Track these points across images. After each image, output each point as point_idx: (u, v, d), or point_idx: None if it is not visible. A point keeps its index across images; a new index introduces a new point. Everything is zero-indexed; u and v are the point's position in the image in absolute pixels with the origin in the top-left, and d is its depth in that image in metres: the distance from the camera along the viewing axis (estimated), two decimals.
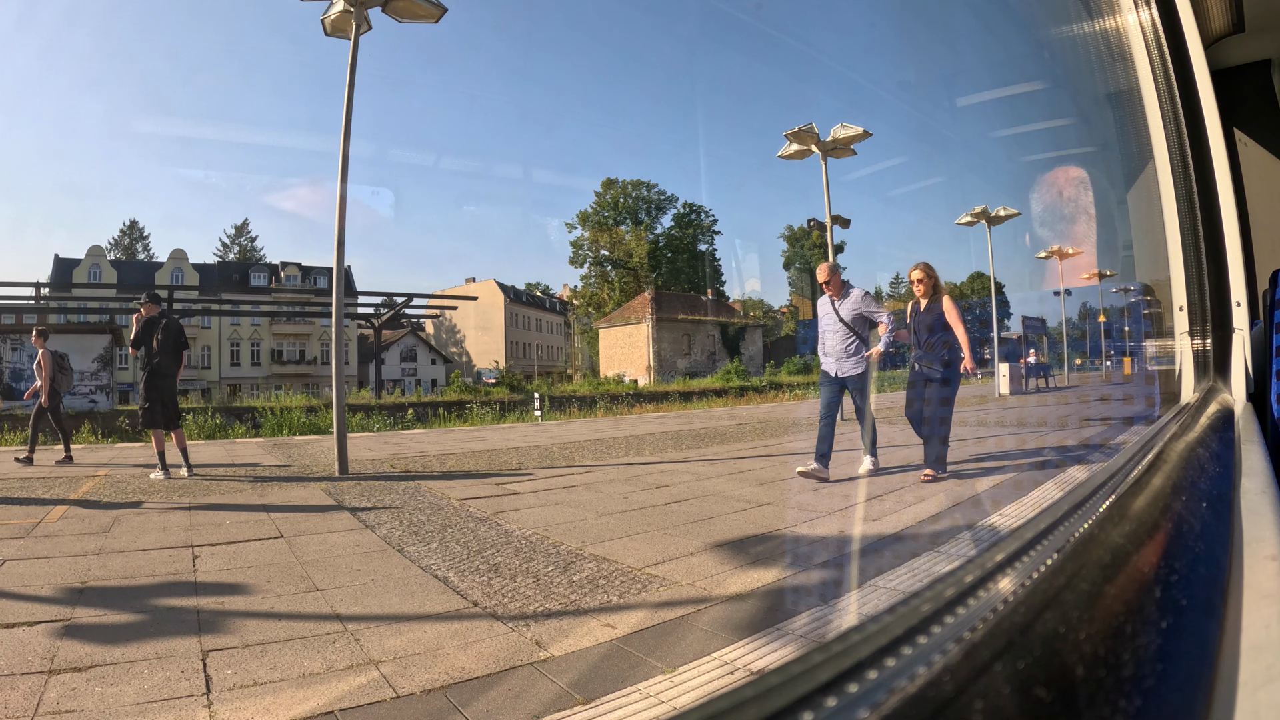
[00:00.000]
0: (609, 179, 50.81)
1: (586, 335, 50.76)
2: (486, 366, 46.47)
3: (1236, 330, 1.96)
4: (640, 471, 6.27)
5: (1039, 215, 22.22)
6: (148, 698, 1.93)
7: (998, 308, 27.48)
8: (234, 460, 7.86)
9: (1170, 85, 2.07)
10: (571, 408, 20.73)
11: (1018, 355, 20.53)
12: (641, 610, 2.61)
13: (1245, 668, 0.44)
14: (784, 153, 13.61)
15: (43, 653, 2.23)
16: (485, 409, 18.39)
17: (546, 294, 57.56)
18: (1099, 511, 0.56)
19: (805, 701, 0.27)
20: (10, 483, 5.99)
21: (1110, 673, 0.33)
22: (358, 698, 1.94)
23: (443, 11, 7.71)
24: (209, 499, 5.10)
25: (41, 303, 28.17)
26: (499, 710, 1.86)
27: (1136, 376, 18.72)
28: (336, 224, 7.08)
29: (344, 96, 7.08)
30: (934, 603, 0.36)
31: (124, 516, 4.43)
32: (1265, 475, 0.94)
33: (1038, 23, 6.53)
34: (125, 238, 42.65)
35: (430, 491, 5.35)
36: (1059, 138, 13.21)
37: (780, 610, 2.59)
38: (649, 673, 2.04)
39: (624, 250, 49.48)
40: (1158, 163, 2.17)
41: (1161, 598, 0.44)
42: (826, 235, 14.15)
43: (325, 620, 2.57)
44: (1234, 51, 3.12)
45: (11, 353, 17.81)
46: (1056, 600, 0.37)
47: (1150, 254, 2.97)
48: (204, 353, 38.72)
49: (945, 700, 0.27)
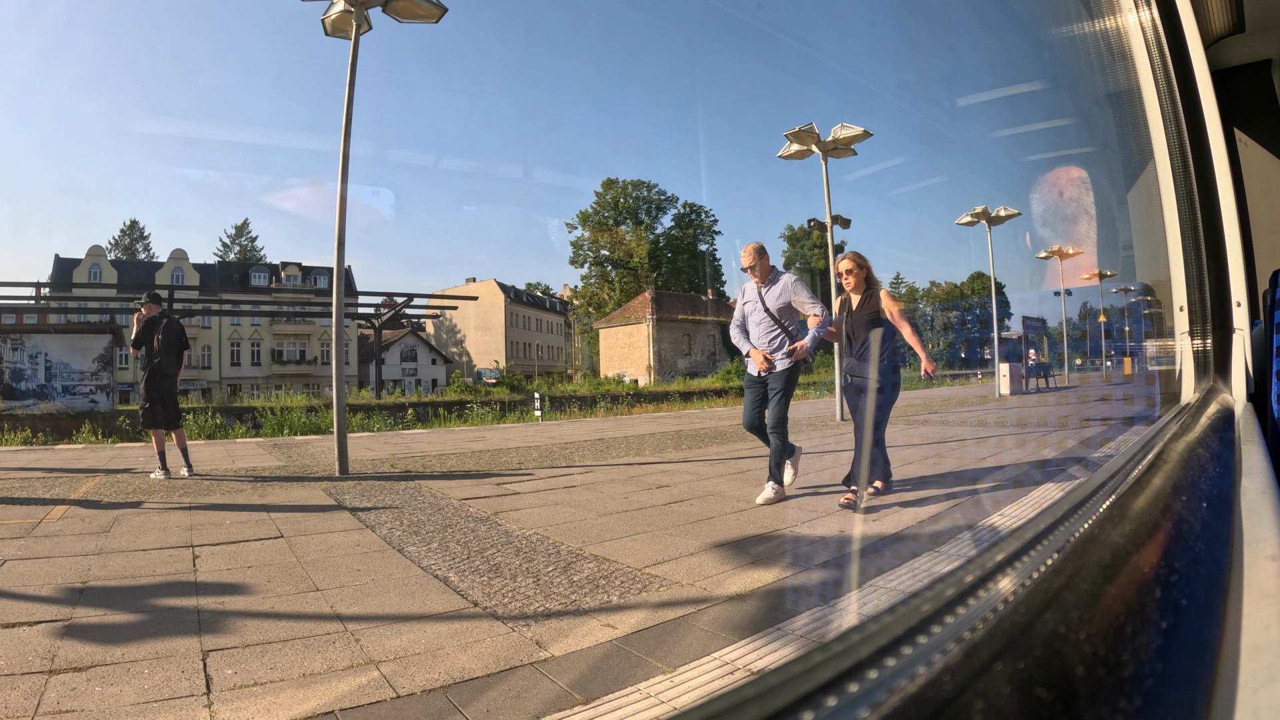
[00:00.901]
0: (609, 179, 50.93)
1: (587, 335, 50.80)
2: (487, 366, 46.50)
3: (1237, 330, 1.96)
4: (640, 471, 6.27)
5: (1039, 215, 22.23)
6: (148, 698, 1.93)
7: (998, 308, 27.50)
8: (234, 460, 7.86)
9: (1170, 85, 2.07)
10: (572, 408, 20.74)
11: (1018, 355, 20.53)
12: (642, 610, 2.61)
13: (1245, 668, 0.44)
14: (784, 153, 13.61)
15: (43, 652, 2.23)
16: (485, 409, 18.40)
17: (547, 294, 57.58)
18: (1099, 511, 0.56)
19: (806, 701, 0.27)
20: (11, 483, 5.99)
21: (1110, 673, 0.33)
22: (358, 698, 1.94)
23: (443, 11, 7.71)
24: (209, 499, 5.11)
25: (42, 303, 28.18)
26: (499, 710, 1.86)
27: (1137, 376, 18.72)
28: (337, 224, 7.08)
29: (344, 96, 7.09)
30: (934, 602, 0.36)
31: (124, 516, 4.43)
32: (1265, 475, 0.94)
33: (1038, 23, 6.53)
34: (126, 238, 42.68)
35: (430, 491, 5.35)
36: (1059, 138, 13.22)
37: (780, 610, 2.59)
38: (649, 673, 2.04)
39: (624, 250, 49.51)
40: (1158, 163, 2.17)
41: (1162, 598, 0.44)
42: (827, 235, 14.14)
43: (325, 620, 2.57)
44: (1234, 51, 3.12)
45: (12, 353, 17.80)
46: (1057, 600, 0.37)
47: (1150, 254, 2.97)
48: (204, 353, 38.75)
49: (945, 700, 0.27)
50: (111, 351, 18.78)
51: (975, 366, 35.55)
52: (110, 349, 18.74)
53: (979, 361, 34.22)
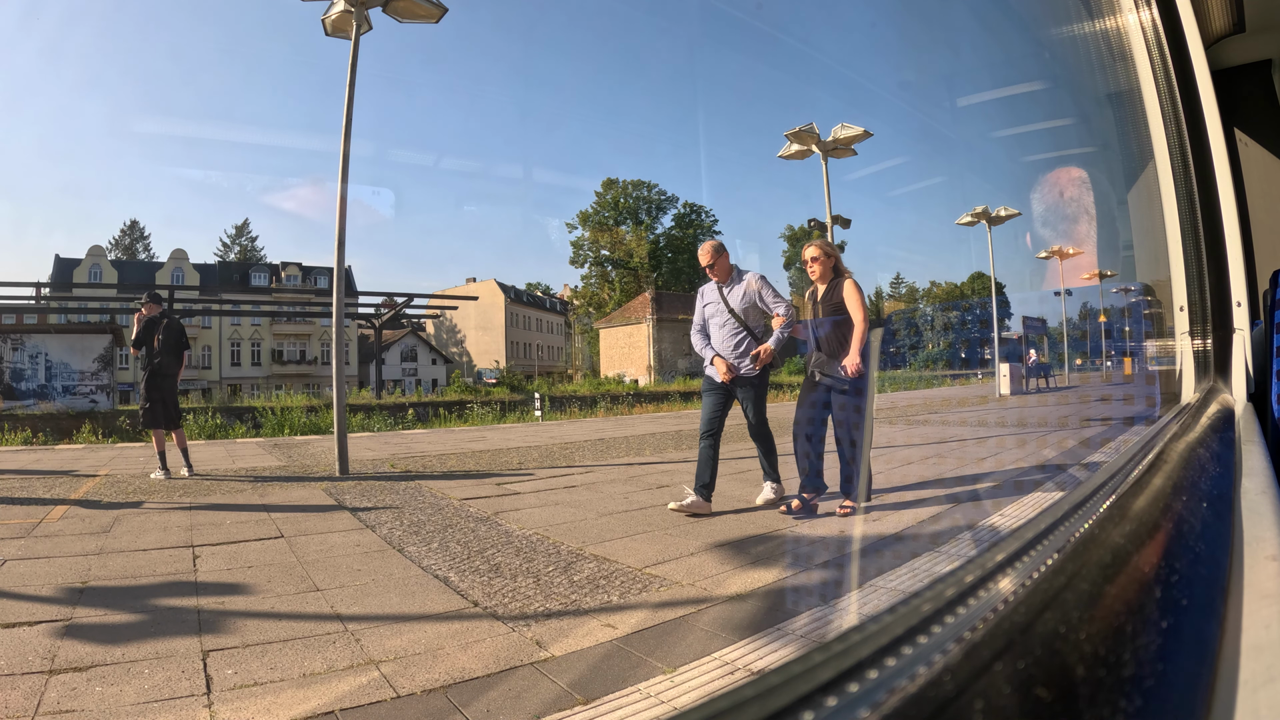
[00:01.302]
0: (609, 179, 50.94)
1: (587, 335, 50.81)
2: (487, 366, 46.51)
3: (1237, 330, 1.96)
4: (641, 471, 6.27)
5: (1039, 215, 22.21)
6: (148, 698, 1.93)
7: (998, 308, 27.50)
8: (234, 460, 7.86)
9: (1171, 85, 2.07)
10: (572, 408, 20.74)
11: (1018, 355, 20.53)
12: (642, 610, 2.61)
13: (1245, 668, 0.44)
14: (784, 153, 13.63)
15: (43, 652, 2.23)
16: (486, 409, 18.41)
17: (547, 294, 57.59)
18: (1099, 511, 0.56)
19: (806, 701, 0.27)
20: (11, 482, 5.99)
21: (1110, 673, 0.33)
22: (358, 698, 1.94)
23: (443, 11, 7.71)
24: (209, 499, 5.11)
25: (42, 303, 28.18)
26: (499, 710, 1.86)
27: (1137, 376, 18.71)
28: (337, 224, 7.08)
29: (345, 96, 7.09)
30: (934, 602, 0.36)
31: (124, 516, 4.44)
32: (1266, 475, 0.94)
33: (1038, 23, 6.53)
34: (126, 237, 42.71)
35: (431, 491, 5.35)
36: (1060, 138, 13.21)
37: (781, 610, 2.59)
38: (649, 673, 2.04)
39: (624, 250, 49.52)
40: (1158, 163, 2.17)
41: (1162, 598, 0.44)
42: (827, 235, 14.15)
43: (326, 620, 2.57)
44: (1234, 52, 3.12)
45: (12, 353, 17.80)
46: (1057, 600, 0.37)
47: (1151, 254, 2.97)
48: (204, 353, 38.76)
49: (946, 700, 0.27)
50: (112, 351, 18.78)
51: (975, 366, 35.57)
52: (110, 349, 18.74)
53: (979, 361, 34.23)
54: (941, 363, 43.78)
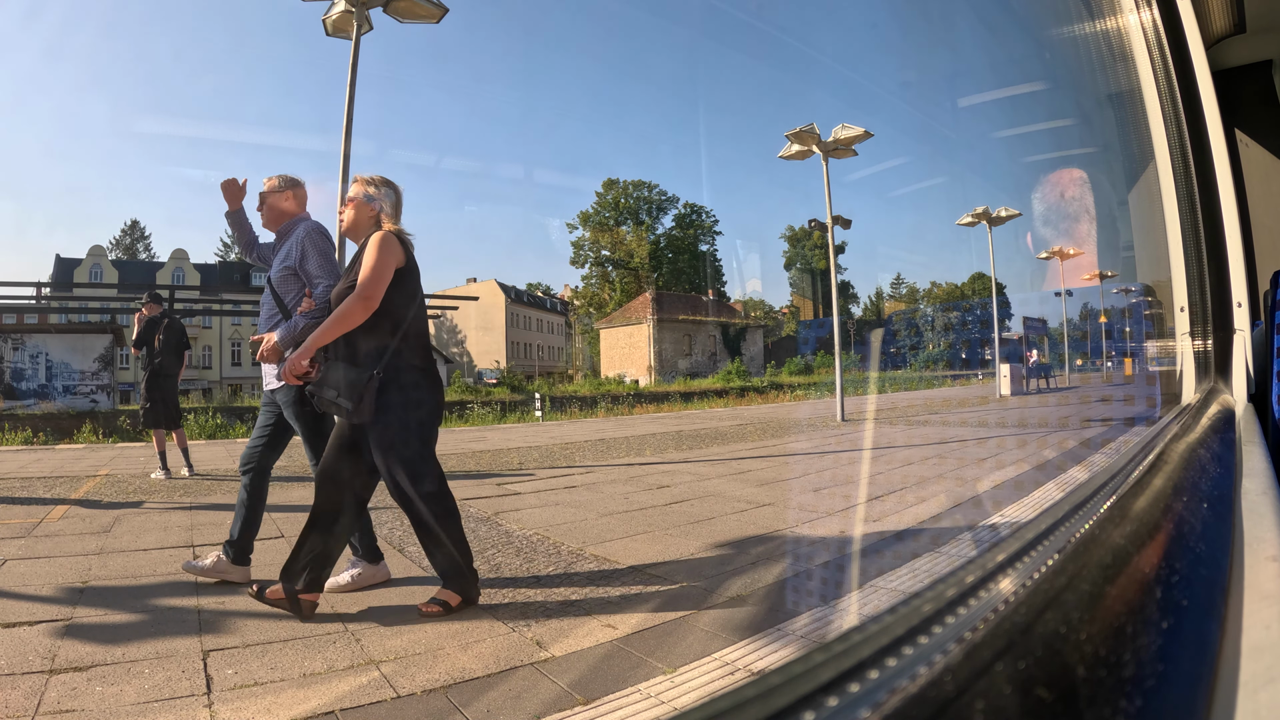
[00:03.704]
0: (610, 179, 50.99)
1: (587, 336, 50.81)
2: (487, 367, 46.50)
3: (1237, 331, 1.96)
4: (641, 472, 6.27)
5: (1040, 216, 22.23)
6: (148, 697, 1.93)
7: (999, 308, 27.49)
8: (235, 460, 7.85)
9: (1171, 86, 2.07)
10: (572, 408, 20.75)
11: (1019, 356, 20.53)
12: (642, 610, 2.61)
13: (1246, 668, 0.44)
14: (785, 153, 13.63)
15: (43, 652, 2.23)
16: (486, 409, 18.42)
17: (548, 294, 57.59)
18: (1100, 512, 0.56)
19: (807, 701, 0.27)
20: (11, 482, 5.99)
21: (1111, 673, 0.33)
22: (358, 698, 1.94)
23: (444, 12, 7.72)
24: (210, 499, 5.11)
25: (43, 302, 28.19)
26: (499, 710, 1.86)
27: (1138, 377, 18.70)
28: (337, 224, 7.07)
29: (345, 96, 7.10)
30: (935, 603, 0.36)
31: (125, 516, 4.44)
32: (1266, 476, 0.94)
33: (1039, 23, 6.53)
34: (127, 237, 42.77)
35: None
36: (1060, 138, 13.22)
37: (781, 610, 2.59)
38: (650, 673, 2.04)
39: (625, 250, 49.54)
40: (1159, 163, 2.17)
41: (1162, 598, 0.44)
42: (828, 235, 14.15)
43: (326, 620, 2.57)
44: (1235, 52, 3.11)
45: (13, 352, 17.81)
46: (1057, 601, 0.37)
47: (1151, 255, 2.97)
48: (205, 353, 38.77)
49: (946, 700, 0.27)
50: (112, 351, 18.78)
51: (976, 367, 35.56)
52: (111, 349, 18.74)
53: (979, 362, 34.23)
54: (942, 363, 43.78)
